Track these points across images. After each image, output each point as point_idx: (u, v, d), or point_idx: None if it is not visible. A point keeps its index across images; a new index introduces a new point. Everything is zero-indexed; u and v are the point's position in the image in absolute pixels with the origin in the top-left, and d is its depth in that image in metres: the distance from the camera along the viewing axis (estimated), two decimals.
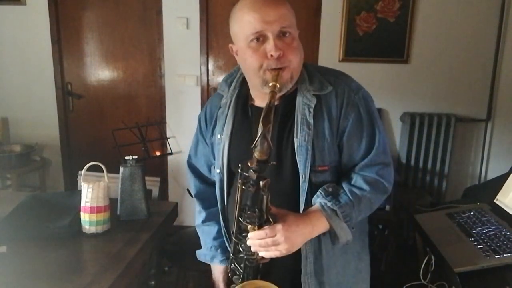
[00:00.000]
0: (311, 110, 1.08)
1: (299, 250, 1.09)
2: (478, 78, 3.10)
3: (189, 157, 1.37)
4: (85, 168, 1.45)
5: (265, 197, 0.93)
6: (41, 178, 3.42)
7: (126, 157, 1.57)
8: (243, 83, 1.20)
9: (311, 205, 1.08)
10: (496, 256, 1.34)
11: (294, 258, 1.10)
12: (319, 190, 1.07)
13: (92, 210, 1.42)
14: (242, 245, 1.03)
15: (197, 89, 3.28)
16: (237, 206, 0.99)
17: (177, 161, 3.34)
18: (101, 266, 1.23)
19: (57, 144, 3.49)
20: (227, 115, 1.18)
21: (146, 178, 1.62)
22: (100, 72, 3.40)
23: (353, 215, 1.06)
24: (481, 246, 1.41)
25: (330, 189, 1.07)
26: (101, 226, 1.44)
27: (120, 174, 1.55)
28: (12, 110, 3.48)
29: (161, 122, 3.20)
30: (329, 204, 1.04)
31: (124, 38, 3.31)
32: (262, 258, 1.02)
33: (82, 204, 1.43)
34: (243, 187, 0.94)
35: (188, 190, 3.11)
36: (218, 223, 1.28)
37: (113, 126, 2.26)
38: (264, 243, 0.96)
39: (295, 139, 1.07)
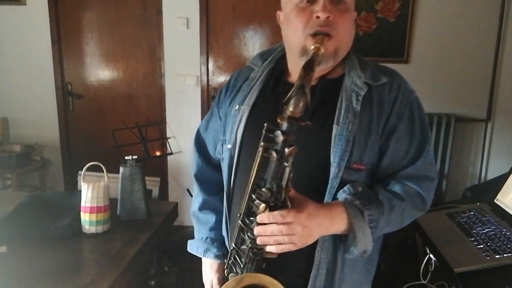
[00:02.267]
0: (360, 98, 0.93)
1: (313, 257, 0.95)
2: (478, 78, 3.10)
3: (198, 131, 1.25)
4: (85, 168, 1.45)
5: (287, 170, 0.77)
6: (41, 178, 3.42)
7: (126, 157, 1.58)
8: (280, 61, 1.08)
9: None
10: (496, 256, 1.34)
11: (305, 265, 0.95)
12: (347, 185, 0.91)
13: (92, 210, 1.42)
14: (249, 233, 0.84)
15: (197, 89, 3.28)
16: (251, 179, 0.82)
17: (177, 161, 3.34)
18: (101, 266, 1.24)
19: (57, 144, 3.49)
20: (253, 86, 1.06)
21: (146, 178, 1.62)
22: (100, 72, 3.40)
23: (380, 222, 0.91)
24: (481, 246, 1.41)
25: (359, 188, 0.92)
26: (101, 226, 1.44)
27: (120, 174, 1.55)
28: (12, 110, 3.47)
29: (161, 122, 3.19)
30: (356, 202, 0.89)
31: (124, 38, 3.31)
32: (269, 252, 0.85)
33: (82, 204, 1.43)
34: (265, 153, 0.77)
35: (188, 190, 3.11)
36: (217, 213, 1.15)
37: (113, 126, 2.25)
38: (278, 230, 0.80)
39: (334, 126, 0.92)
